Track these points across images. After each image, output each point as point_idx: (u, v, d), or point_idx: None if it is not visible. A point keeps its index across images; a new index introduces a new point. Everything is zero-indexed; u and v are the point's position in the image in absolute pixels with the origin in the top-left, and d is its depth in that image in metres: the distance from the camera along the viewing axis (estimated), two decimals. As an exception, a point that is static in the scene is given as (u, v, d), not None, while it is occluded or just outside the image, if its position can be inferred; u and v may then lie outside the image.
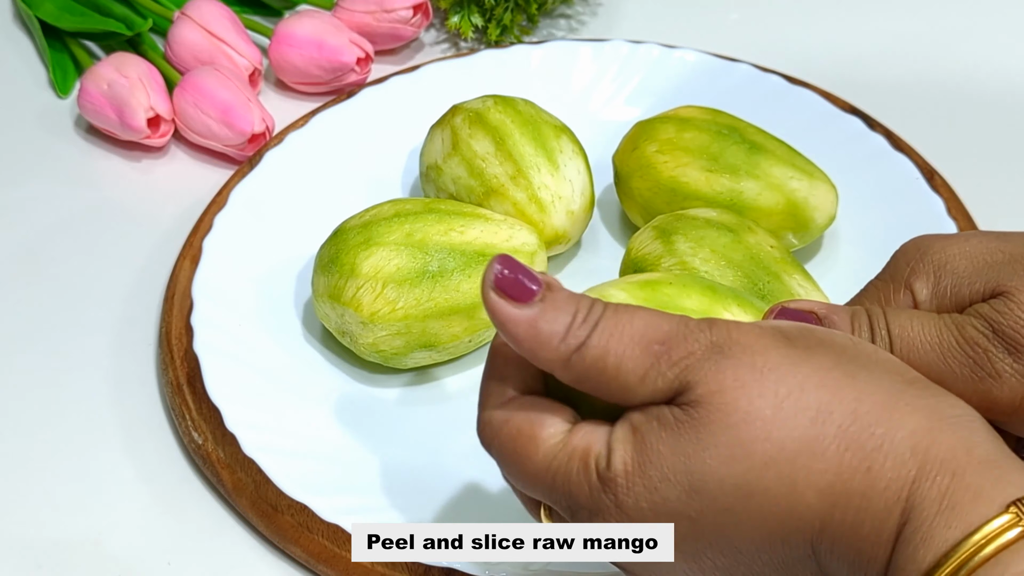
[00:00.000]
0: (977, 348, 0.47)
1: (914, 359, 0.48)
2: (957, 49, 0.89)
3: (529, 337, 0.45)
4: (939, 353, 0.48)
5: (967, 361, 0.48)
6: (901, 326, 0.48)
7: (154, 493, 0.65)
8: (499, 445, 0.47)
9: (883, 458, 0.42)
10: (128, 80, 0.79)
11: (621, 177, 0.73)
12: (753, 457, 0.42)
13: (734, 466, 0.42)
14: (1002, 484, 0.41)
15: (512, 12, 0.87)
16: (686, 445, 0.43)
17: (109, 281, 0.75)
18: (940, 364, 0.48)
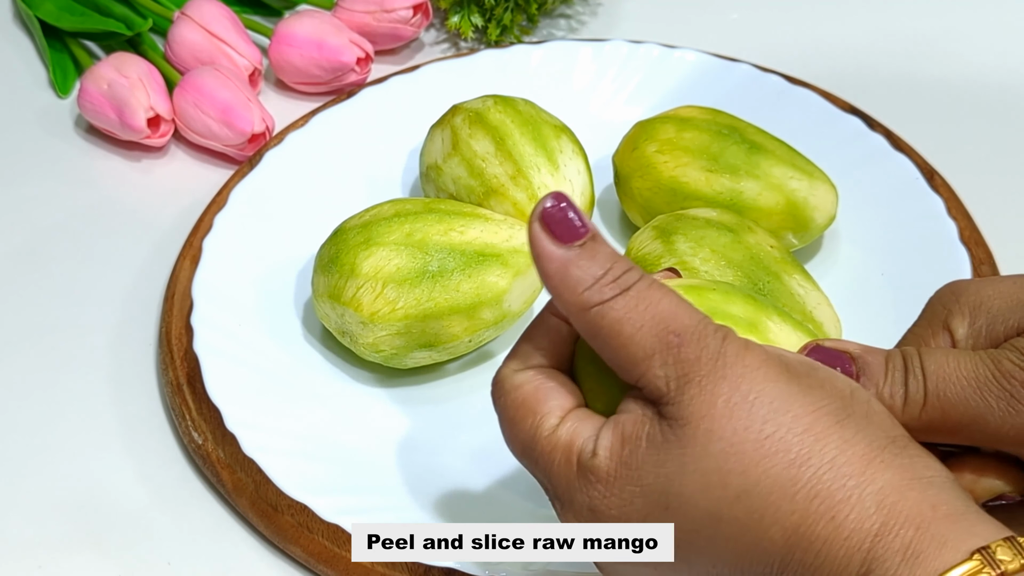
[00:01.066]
0: (1013, 381, 0.47)
1: (950, 395, 0.48)
2: (957, 49, 0.89)
3: (558, 276, 0.46)
4: (975, 388, 0.48)
5: (1003, 394, 0.47)
6: (936, 363, 0.49)
7: (154, 493, 0.65)
8: (502, 407, 0.49)
9: (848, 509, 0.43)
10: (128, 80, 0.79)
11: (621, 177, 0.73)
12: (728, 488, 0.44)
13: (709, 493, 0.44)
14: (967, 534, 0.42)
15: (512, 12, 0.87)
16: (668, 467, 0.44)
17: (109, 281, 0.75)
18: (976, 399, 0.48)
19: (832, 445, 0.44)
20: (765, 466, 0.43)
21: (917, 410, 0.48)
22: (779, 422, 0.44)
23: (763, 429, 0.43)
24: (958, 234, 0.70)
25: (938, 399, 0.48)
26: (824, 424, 0.44)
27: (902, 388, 0.48)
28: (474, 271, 0.65)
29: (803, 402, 0.44)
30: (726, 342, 0.45)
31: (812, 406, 0.44)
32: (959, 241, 0.70)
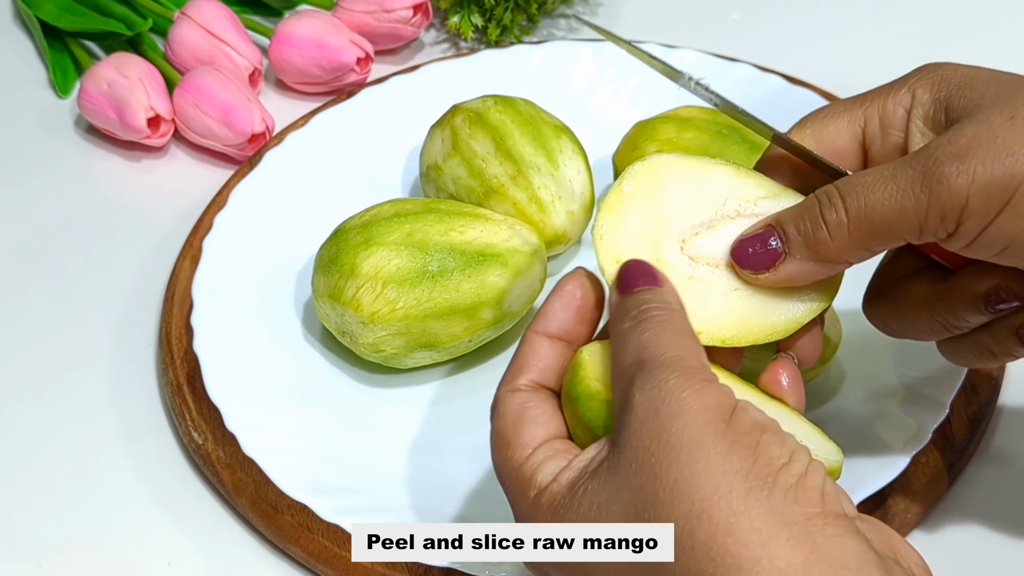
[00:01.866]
0: (927, 163, 0.49)
1: (870, 201, 0.49)
2: (957, 49, 0.89)
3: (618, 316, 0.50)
4: (890, 182, 0.49)
5: (918, 178, 0.49)
6: (850, 184, 0.50)
7: (154, 493, 0.65)
8: (491, 431, 0.51)
9: None
10: (128, 80, 0.79)
11: (621, 177, 0.73)
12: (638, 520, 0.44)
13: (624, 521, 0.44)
14: None
15: (512, 12, 0.87)
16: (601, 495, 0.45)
17: (109, 281, 0.75)
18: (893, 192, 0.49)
19: (733, 510, 0.42)
20: (669, 512, 0.43)
21: (844, 232, 0.50)
22: (691, 471, 0.43)
23: (676, 473, 0.43)
24: (958, 234, 0.70)
25: (859, 211, 0.50)
26: (731, 485, 0.43)
27: (820, 222, 0.50)
28: (474, 271, 0.65)
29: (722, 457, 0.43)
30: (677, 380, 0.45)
31: (727, 465, 0.43)
32: (959, 241, 0.70)
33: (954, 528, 0.62)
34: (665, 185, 0.54)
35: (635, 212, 0.53)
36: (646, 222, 0.53)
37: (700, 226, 0.53)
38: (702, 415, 0.44)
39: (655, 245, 0.52)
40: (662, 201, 0.53)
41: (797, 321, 0.52)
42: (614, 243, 0.52)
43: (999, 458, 0.65)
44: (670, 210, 0.53)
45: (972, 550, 0.61)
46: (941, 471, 0.63)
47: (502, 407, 0.50)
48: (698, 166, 0.54)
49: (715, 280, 0.53)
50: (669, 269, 0.52)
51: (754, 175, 0.55)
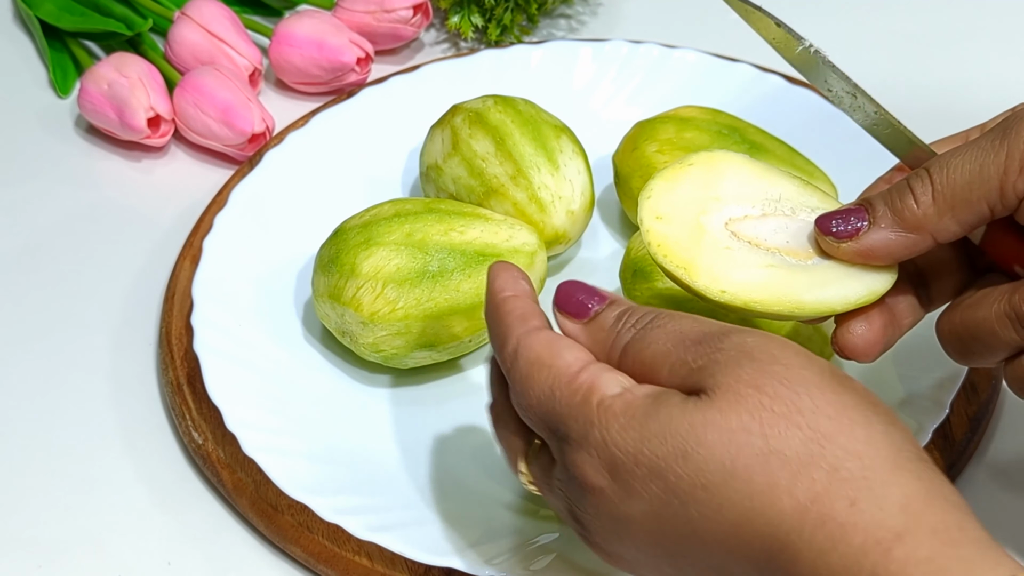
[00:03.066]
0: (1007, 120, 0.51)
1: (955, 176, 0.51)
2: (956, 50, 0.89)
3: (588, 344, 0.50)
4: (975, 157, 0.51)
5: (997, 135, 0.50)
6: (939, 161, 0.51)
7: (154, 493, 0.65)
8: (517, 367, 0.49)
9: (871, 499, 0.42)
10: (128, 80, 0.79)
11: (621, 177, 0.73)
12: (748, 446, 0.43)
13: (728, 447, 0.43)
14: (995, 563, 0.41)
15: (512, 12, 0.87)
16: (693, 416, 0.44)
17: (109, 280, 0.75)
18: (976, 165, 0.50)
19: (860, 438, 0.43)
20: (789, 435, 0.43)
21: (929, 199, 0.51)
22: (807, 401, 0.44)
23: (792, 402, 0.43)
24: (958, 234, 0.70)
25: (943, 178, 0.51)
26: (853, 416, 0.44)
27: (908, 192, 0.52)
28: (474, 271, 0.65)
29: (836, 392, 0.44)
30: (750, 338, 0.46)
31: (844, 399, 0.44)
32: (959, 241, 0.70)
33: (954, 528, 0.62)
34: (725, 174, 0.56)
35: (689, 185, 0.55)
36: (698, 194, 0.55)
37: (749, 215, 0.55)
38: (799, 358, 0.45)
39: (700, 213, 0.54)
40: (719, 185, 0.55)
41: (829, 306, 0.53)
42: (658, 204, 0.54)
43: (999, 458, 0.65)
44: (724, 194, 0.55)
45: (972, 550, 0.61)
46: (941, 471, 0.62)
47: (528, 341, 0.49)
48: (764, 169, 0.56)
49: (751, 254, 0.54)
50: (708, 235, 0.54)
51: (819, 192, 0.56)
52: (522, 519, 0.61)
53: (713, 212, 0.54)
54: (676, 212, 0.54)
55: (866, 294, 0.53)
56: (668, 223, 0.54)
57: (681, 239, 0.54)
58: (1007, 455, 0.65)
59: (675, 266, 0.53)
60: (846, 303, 0.53)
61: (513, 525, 0.61)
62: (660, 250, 0.53)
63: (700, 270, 0.53)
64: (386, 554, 0.59)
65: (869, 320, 0.54)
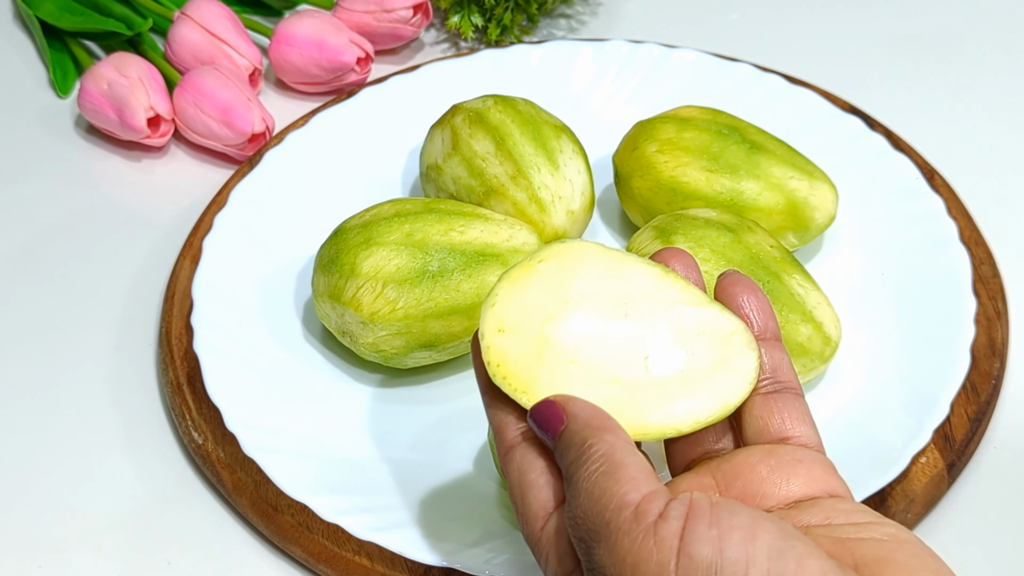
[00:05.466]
0: None
1: None
2: (957, 49, 0.89)
3: None
4: None
5: None
6: None
7: (154, 493, 0.65)
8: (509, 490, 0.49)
9: None
10: (128, 80, 0.79)
11: (621, 177, 0.73)
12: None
13: None
14: None
15: (512, 12, 0.87)
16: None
17: (109, 281, 0.75)
18: None
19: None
20: None
21: None
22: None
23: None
24: (958, 234, 0.70)
25: None
26: None
27: None
28: (474, 271, 0.65)
29: None
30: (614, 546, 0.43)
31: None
32: (959, 241, 0.70)
33: (954, 528, 0.62)
34: (578, 270, 0.51)
35: (538, 287, 0.50)
36: (545, 298, 0.50)
37: (599, 315, 0.50)
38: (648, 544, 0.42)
39: (545, 322, 0.49)
40: (571, 285, 0.50)
41: (675, 428, 0.48)
42: (503, 312, 0.50)
43: (999, 458, 0.65)
44: (575, 294, 0.50)
45: (972, 550, 0.61)
46: (941, 471, 0.63)
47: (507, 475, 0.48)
48: (621, 261, 0.51)
49: (596, 368, 0.49)
50: (551, 349, 0.49)
51: (680, 281, 0.51)
52: (522, 519, 0.61)
53: (560, 319, 0.50)
54: (521, 321, 0.49)
55: (718, 409, 0.49)
56: (511, 336, 0.49)
57: (522, 356, 0.49)
58: (1007, 455, 0.65)
59: (514, 389, 0.49)
60: (695, 422, 0.49)
61: (513, 525, 0.61)
62: (499, 371, 0.49)
63: (540, 391, 0.48)
64: (386, 554, 0.59)
65: None
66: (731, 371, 0.49)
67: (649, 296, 0.50)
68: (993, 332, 0.68)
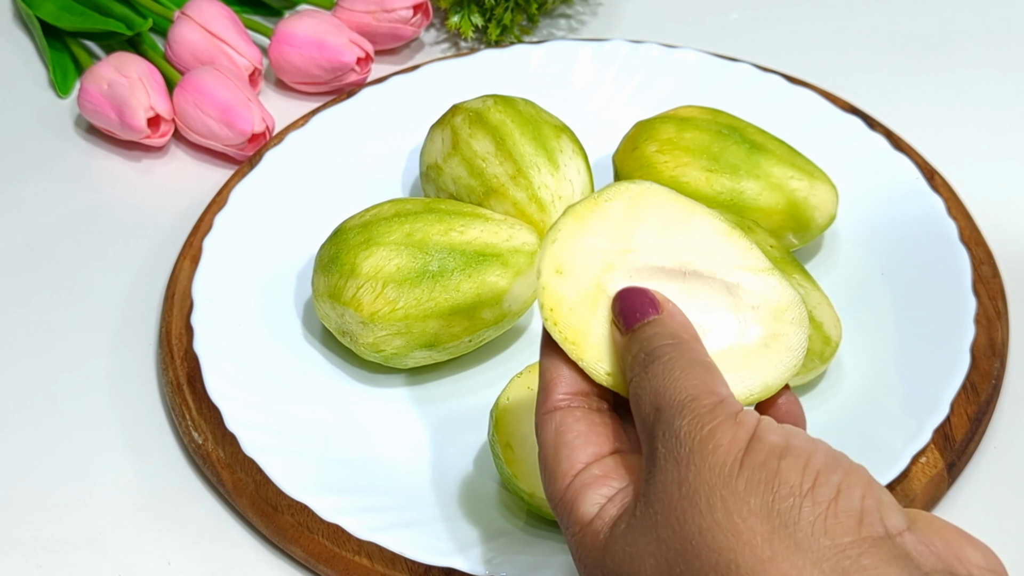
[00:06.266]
0: None
1: None
2: (957, 49, 0.89)
3: None
4: None
5: None
6: None
7: (154, 493, 0.65)
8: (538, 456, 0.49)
9: None
10: (128, 80, 0.79)
11: (621, 177, 0.73)
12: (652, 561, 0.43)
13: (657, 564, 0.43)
14: None
15: (512, 12, 0.87)
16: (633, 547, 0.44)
17: (109, 281, 0.75)
18: None
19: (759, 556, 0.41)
20: (699, 564, 0.42)
21: None
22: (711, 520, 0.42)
23: (698, 524, 0.42)
24: (958, 234, 0.70)
25: None
26: (753, 528, 0.42)
27: None
28: (474, 271, 0.65)
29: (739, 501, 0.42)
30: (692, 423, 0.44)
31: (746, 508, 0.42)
32: (959, 241, 0.70)
33: (954, 528, 0.62)
34: (644, 216, 0.49)
35: (601, 230, 0.49)
36: (607, 244, 0.49)
37: (657, 271, 0.49)
38: (713, 457, 0.43)
39: (604, 270, 0.49)
40: (634, 232, 0.49)
41: None
42: (563, 252, 0.48)
43: (999, 458, 0.65)
44: (638, 243, 0.49)
45: (972, 550, 0.61)
46: (941, 471, 0.62)
47: (542, 434, 0.49)
48: (690, 210, 0.50)
49: None
50: (606, 302, 0.48)
51: (745, 240, 0.50)
52: (522, 519, 0.61)
53: (619, 269, 0.48)
54: (579, 265, 0.48)
55: (759, 390, 0.48)
56: (567, 279, 0.48)
57: (577, 303, 0.48)
58: (1007, 455, 0.65)
59: (564, 338, 0.48)
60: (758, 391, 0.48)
61: (513, 525, 0.61)
62: (552, 315, 0.48)
63: (588, 346, 0.48)
64: (386, 554, 0.59)
65: None
66: (779, 350, 0.48)
67: (710, 257, 0.49)
68: (993, 332, 0.68)
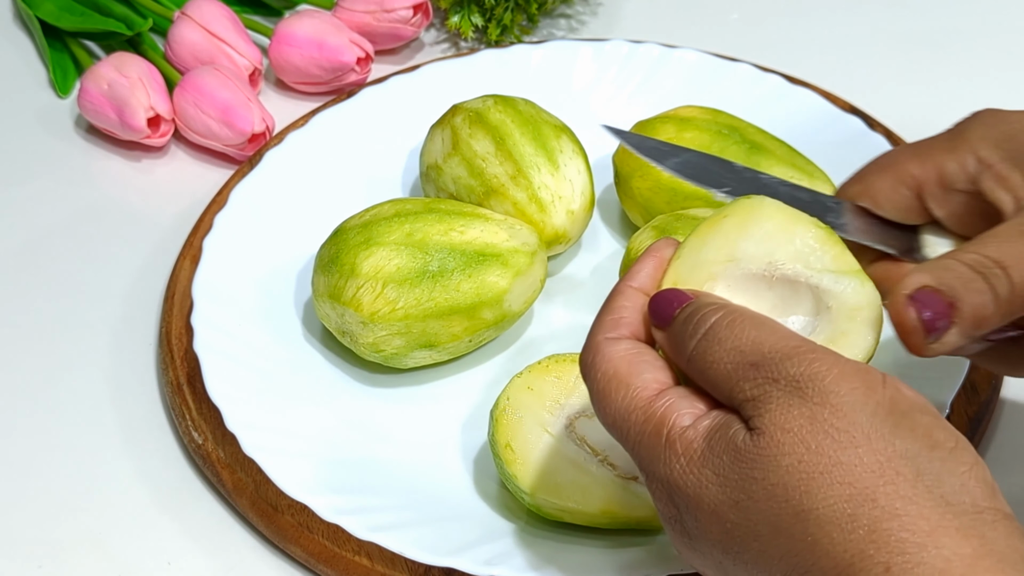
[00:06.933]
0: None
1: None
2: (957, 49, 0.89)
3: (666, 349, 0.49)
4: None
5: None
6: (1006, 253, 0.48)
7: (154, 493, 0.65)
8: (594, 377, 0.49)
9: (907, 566, 0.41)
10: (128, 80, 0.79)
11: (621, 177, 0.73)
12: (788, 503, 0.43)
13: (771, 503, 0.43)
14: None
15: (512, 12, 0.87)
16: (743, 468, 0.44)
17: (109, 281, 0.75)
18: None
19: (902, 494, 0.42)
20: (826, 493, 0.42)
21: (1009, 304, 0.48)
22: (851, 454, 0.42)
23: (833, 456, 0.42)
24: (958, 234, 0.70)
25: (1022, 284, 0.48)
26: (900, 468, 0.42)
27: (990, 294, 0.48)
28: (474, 271, 0.65)
29: (885, 441, 0.43)
30: (806, 365, 0.44)
31: (892, 449, 0.42)
32: (959, 241, 0.70)
33: (954, 528, 0.62)
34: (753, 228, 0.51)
35: (714, 243, 0.51)
36: (715, 255, 0.51)
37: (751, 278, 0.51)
38: (853, 397, 0.43)
39: (707, 280, 0.51)
40: (739, 241, 0.51)
41: None
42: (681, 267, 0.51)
43: (999, 458, 0.65)
44: (740, 252, 0.51)
45: (972, 550, 0.61)
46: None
47: (608, 351, 0.48)
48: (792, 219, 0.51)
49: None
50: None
51: (838, 247, 0.51)
52: (522, 520, 0.61)
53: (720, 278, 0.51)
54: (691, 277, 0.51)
55: None
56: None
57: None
58: (1007, 455, 0.65)
59: None
60: None
61: (513, 525, 0.61)
62: None
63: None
64: (386, 554, 0.59)
65: None
66: (841, 347, 0.49)
67: (802, 260, 0.50)
68: (993, 332, 0.68)
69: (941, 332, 0.48)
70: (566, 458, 0.58)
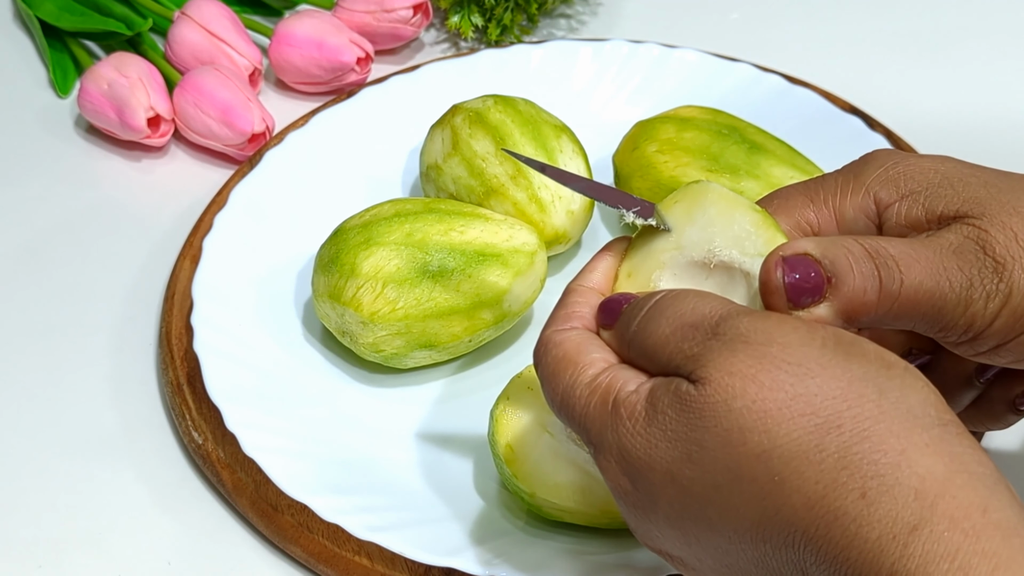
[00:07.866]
0: (972, 270, 0.47)
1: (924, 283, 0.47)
2: (957, 49, 0.89)
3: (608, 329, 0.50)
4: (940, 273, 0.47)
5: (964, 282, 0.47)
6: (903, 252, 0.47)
7: (154, 493, 0.65)
8: (543, 364, 0.49)
9: (881, 490, 0.40)
10: (128, 80, 0.79)
11: (621, 177, 0.73)
12: (747, 445, 0.42)
13: (728, 450, 0.42)
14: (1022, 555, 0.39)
15: (512, 12, 0.87)
16: (691, 418, 0.43)
17: (109, 281, 0.75)
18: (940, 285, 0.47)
19: (867, 415, 0.41)
20: (788, 428, 0.41)
21: (892, 301, 0.47)
22: (809, 384, 0.42)
23: (790, 389, 0.42)
24: (958, 234, 0.70)
25: (912, 288, 0.47)
26: (860, 391, 0.41)
27: (876, 282, 0.47)
28: (474, 271, 0.65)
29: (841, 368, 0.42)
30: (745, 321, 0.44)
31: (850, 374, 0.42)
32: (959, 241, 0.70)
33: (954, 528, 0.62)
34: (698, 214, 0.52)
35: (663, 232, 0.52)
36: (665, 244, 0.52)
37: (692, 265, 0.51)
38: (798, 333, 0.43)
39: (655, 269, 0.52)
40: (685, 229, 0.52)
41: None
42: (635, 257, 0.53)
43: (999, 458, 0.65)
44: (686, 240, 0.52)
45: (972, 550, 0.61)
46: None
47: (557, 338, 0.49)
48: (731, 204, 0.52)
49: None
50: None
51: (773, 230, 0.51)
52: (521, 520, 0.61)
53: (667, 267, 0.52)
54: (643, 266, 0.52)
55: None
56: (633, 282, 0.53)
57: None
58: (1007, 455, 0.65)
59: None
60: None
61: (513, 525, 0.61)
62: None
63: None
64: (386, 554, 0.59)
65: None
66: None
67: (739, 246, 0.51)
68: (993, 332, 0.68)
69: (809, 304, 0.46)
70: (566, 458, 0.58)
